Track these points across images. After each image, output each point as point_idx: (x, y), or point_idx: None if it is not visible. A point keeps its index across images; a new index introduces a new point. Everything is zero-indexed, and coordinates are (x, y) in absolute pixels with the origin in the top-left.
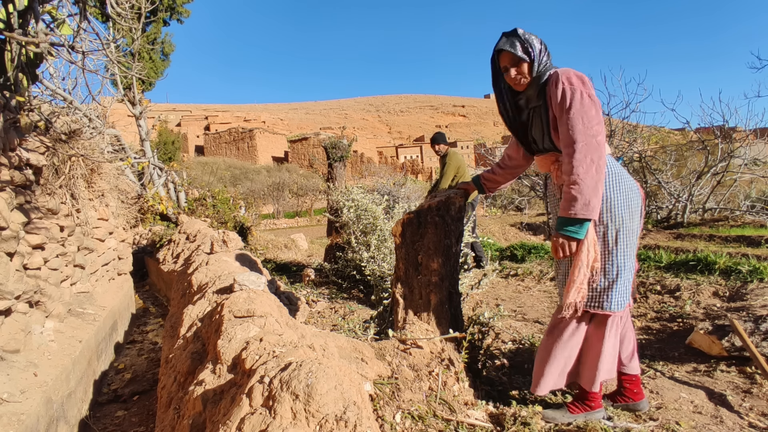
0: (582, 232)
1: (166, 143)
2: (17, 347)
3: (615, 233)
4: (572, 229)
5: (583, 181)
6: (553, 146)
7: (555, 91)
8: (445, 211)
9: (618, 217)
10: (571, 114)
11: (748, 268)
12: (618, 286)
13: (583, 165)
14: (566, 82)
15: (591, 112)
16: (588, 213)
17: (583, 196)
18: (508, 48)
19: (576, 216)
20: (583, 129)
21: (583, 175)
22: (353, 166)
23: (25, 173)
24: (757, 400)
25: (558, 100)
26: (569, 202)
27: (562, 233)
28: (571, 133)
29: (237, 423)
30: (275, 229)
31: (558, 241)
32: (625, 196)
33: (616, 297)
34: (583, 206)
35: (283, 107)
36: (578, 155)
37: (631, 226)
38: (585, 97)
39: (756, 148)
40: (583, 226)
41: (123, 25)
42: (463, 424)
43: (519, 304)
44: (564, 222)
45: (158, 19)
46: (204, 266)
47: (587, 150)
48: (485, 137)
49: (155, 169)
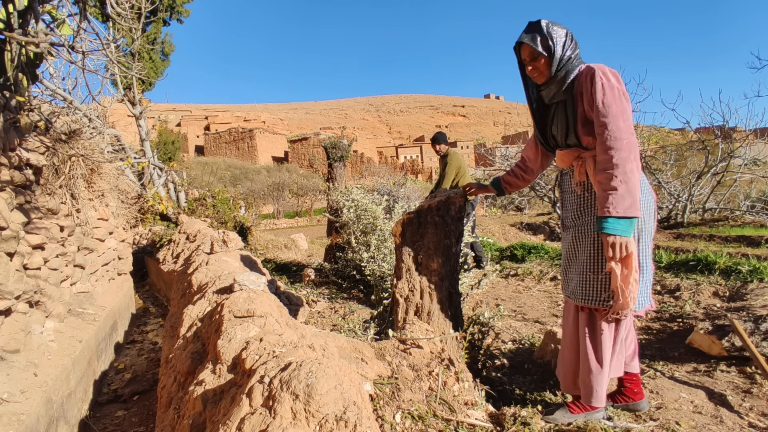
0: (631, 230)
1: (166, 143)
2: (17, 347)
3: (638, 234)
4: (623, 228)
5: (630, 180)
6: (577, 142)
7: (591, 88)
8: (445, 211)
9: (642, 218)
10: (613, 111)
11: (748, 268)
12: (640, 286)
13: (629, 163)
14: (605, 79)
15: (628, 111)
16: (635, 211)
17: (631, 194)
18: (527, 41)
19: (626, 215)
20: (625, 127)
21: (630, 173)
22: (353, 166)
23: (25, 173)
24: (757, 400)
25: (599, 97)
26: (617, 200)
27: (614, 232)
28: (616, 130)
29: (237, 423)
30: (275, 229)
31: (615, 241)
32: (644, 197)
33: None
34: (632, 204)
35: (283, 107)
36: (624, 153)
37: (649, 227)
38: (623, 95)
39: (756, 148)
40: (632, 224)
41: (123, 25)
42: (463, 424)
43: (519, 304)
44: (613, 221)
45: (158, 19)
46: (204, 266)
47: (630, 148)
48: (485, 137)
49: (155, 169)
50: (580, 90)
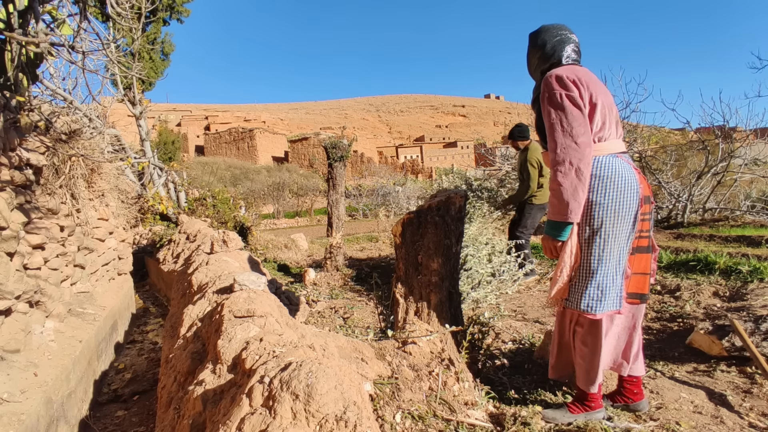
0: (565, 235)
1: (166, 143)
2: (17, 347)
3: (589, 236)
4: (553, 231)
5: (561, 186)
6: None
7: (542, 96)
8: (445, 211)
9: (597, 221)
10: (551, 119)
11: (749, 268)
12: (590, 288)
13: (562, 169)
14: (545, 88)
15: (571, 115)
16: (567, 216)
17: (562, 199)
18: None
19: (555, 219)
20: (561, 133)
21: (562, 179)
22: (353, 166)
23: (26, 173)
24: (757, 400)
25: (543, 107)
26: (552, 206)
27: (548, 235)
28: (551, 139)
29: (237, 423)
30: (275, 229)
31: (544, 242)
32: (611, 200)
33: (586, 299)
34: (562, 209)
35: (284, 107)
36: (557, 159)
37: (612, 231)
38: (564, 99)
39: (756, 148)
40: (566, 229)
41: (123, 25)
42: (463, 424)
43: (519, 304)
44: (548, 224)
45: (158, 19)
46: (204, 266)
47: (566, 154)
48: (485, 137)
49: (155, 169)
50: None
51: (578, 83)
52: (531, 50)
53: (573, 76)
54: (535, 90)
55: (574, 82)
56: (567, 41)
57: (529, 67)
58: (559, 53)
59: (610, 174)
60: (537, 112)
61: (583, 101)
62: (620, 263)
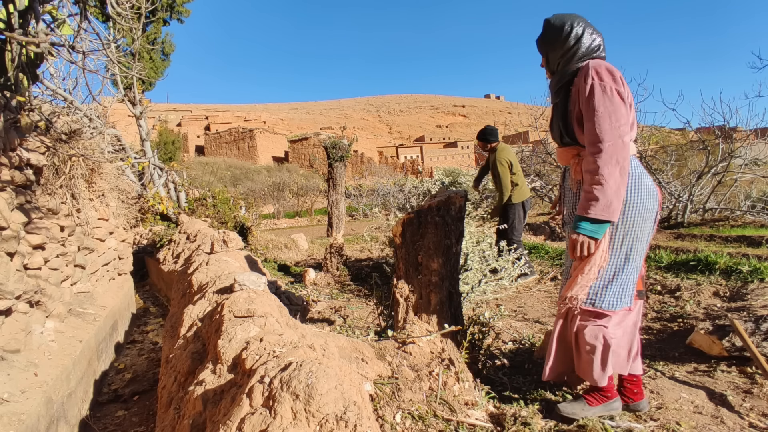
0: (600, 233)
1: (166, 143)
2: (18, 347)
3: (622, 236)
4: (591, 229)
5: (606, 183)
6: (574, 140)
7: (583, 86)
8: (445, 211)
9: (629, 221)
10: (599, 111)
11: (749, 268)
12: (613, 286)
13: (609, 166)
14: (596, 77)
15: (620, 111)
16: (609, 215)
17: (606, 197)
18: (537, 40)
19: (596, 217)
20: (610, 128)
21: (608, 176)
22: (353, 166)
23: (26, 173)
24: (757, 401)
25: (586, 95)
26: (590, 202)
27: (582, 232)
28: (599, 132)
29: (237, 423)
30: (275, 229)
31: (577, 240)
32: (642, 200)
33: (609, 297)
34: (605, 208)
35: (284, 107)
36: (605, 155)
37: (641, 231)
38: (615, 95)
39: (756, 148)
40: (602, 227)
41: (123, 25)
42: (463, 424)
43: (519, 304)
44: (583, 221)
45: (158, 19)
46: (204, 266)
47: (614, 150)
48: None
49: (155, 169)
50: (577, 87)
51: (623, 80)
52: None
53: (618, 72)
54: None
55: (621, 79)
56: (599, 36)
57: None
58: (598, 46)
59: (639, 174)
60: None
61: (626, 99)
62: (641, 262)
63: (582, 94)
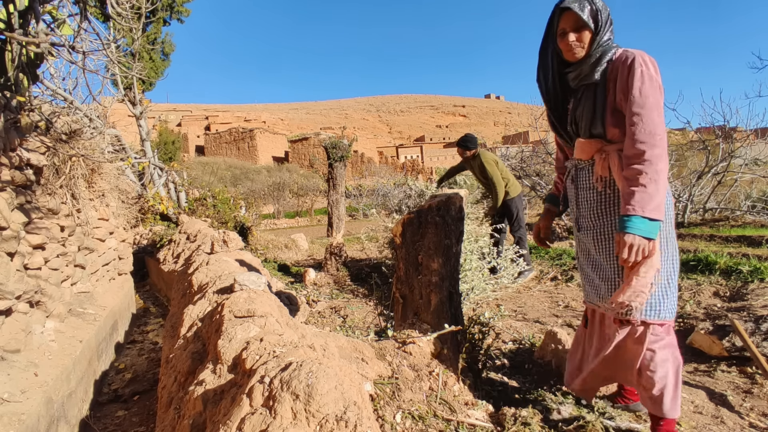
0: (656, 232)
1: (166, 143)
2: (18, 347)
3: (666, 237)
4: (647, 229)
5: (659, 179)
6: (602, 132)
7: (628, 75)
8: (445, 211)
9: (669, 221)
10: (650, 103)
11: (749, 268)
12: (671, 292)
13: (663, 160)
14: (644, 67)
15: (662, 105)
16: (660, 214)
17: (660, 194)
18: (575, 8)
19: (651, 216)
20: (660, 121)
21: (661, 172)
22: (353, 166)
23: (26, 173)
24: (757, 401)
25: (636, 86)
26: (645, 200)
27: (635, 232)
28: (651, 124)
29: (237, 423)
30: (275, 229)
31: (635, 242)
32: (670, 201)
33: (669, 304)
34: (658, 206)
35: (284, 107)
36: (658, 150)
37: (672, 232)
38: (660, 88)
39: (757, 148)
40: (656, 226)
41: (123, 25)
42: (463, 424)
43: (519, 304)
44: (637, 220)
45: (158, 19)
46: (204, 266)
47: (664, 145)
48: (486, 137)
49: (156, 169)
50: (614, 75)
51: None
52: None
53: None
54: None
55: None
56: None
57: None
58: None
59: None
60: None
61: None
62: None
63: (621, 82)
